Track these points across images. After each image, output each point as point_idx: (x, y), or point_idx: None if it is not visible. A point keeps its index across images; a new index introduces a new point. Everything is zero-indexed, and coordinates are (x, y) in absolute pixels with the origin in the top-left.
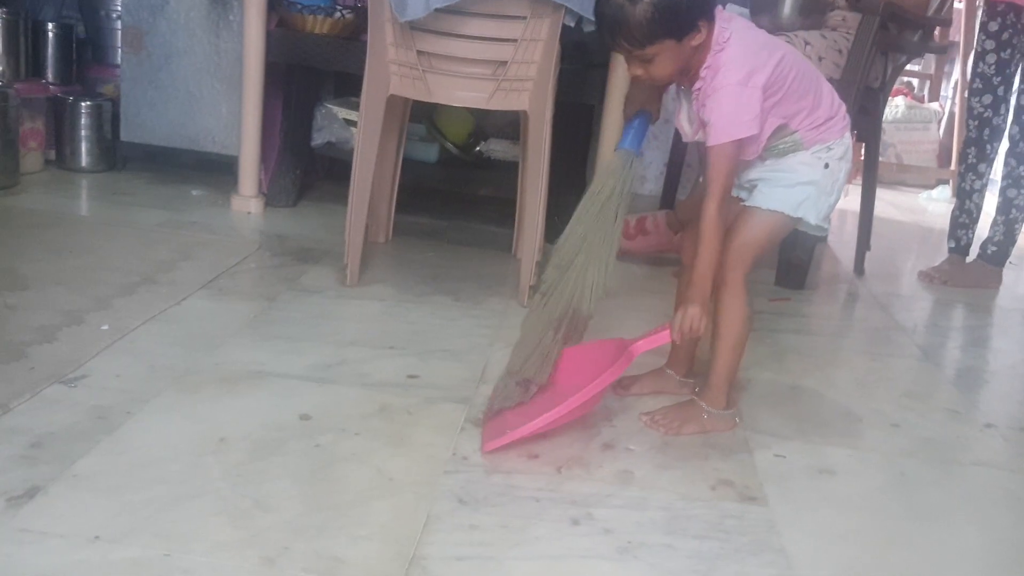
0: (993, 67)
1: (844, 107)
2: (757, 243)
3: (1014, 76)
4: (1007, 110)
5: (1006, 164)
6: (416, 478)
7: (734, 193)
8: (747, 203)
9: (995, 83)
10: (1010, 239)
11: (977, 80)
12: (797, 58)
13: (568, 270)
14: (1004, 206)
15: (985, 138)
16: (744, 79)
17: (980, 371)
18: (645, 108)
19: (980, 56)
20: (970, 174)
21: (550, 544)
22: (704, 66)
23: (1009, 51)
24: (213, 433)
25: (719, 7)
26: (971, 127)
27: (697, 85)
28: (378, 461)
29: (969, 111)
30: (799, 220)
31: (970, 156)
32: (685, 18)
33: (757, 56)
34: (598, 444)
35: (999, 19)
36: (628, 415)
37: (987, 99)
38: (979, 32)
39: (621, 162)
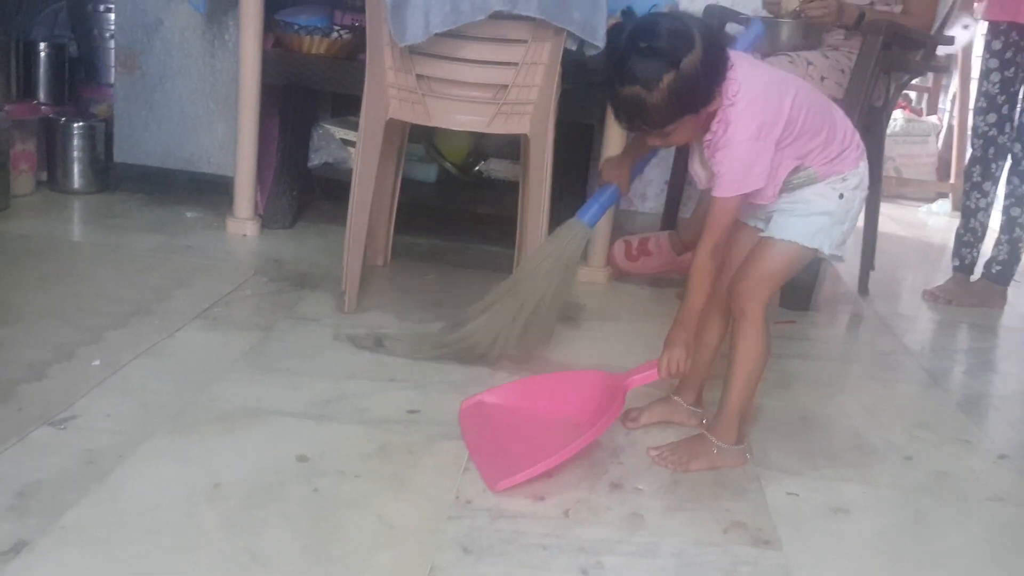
0: (997, 86)
1: (857, 136)
2: (775, 274)
3: (1018, 95)
4: (1011, 128)
5: (1009, 183)
6: (418, 525)
7: (751, 223)
8: (764, 233)
9: (999, 102)
10: (1015, 258)
11: (981, 99)
12: (808, 94)
13: (484, 312)
14: (1008, 225)
15: (989, 157)
16: (755, 134)
17: (989, 397)
18: (616, 182)
19: (984, 75)
20: (974, 192)
21: None
22: (716, 120)
23: (1013, 70)
24: (208, 478)
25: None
26: (975, 146)
27: (708, 136)
28: (379, 507)
29: (973, 130)
30: (816, 251)
31: (974, 175)
32: (703, 93)
33: (766, 107)
34: (606, 484)
35: (1002, 38)
36: (635, 451)
37: (991, 118)
38: (983, 51)
39: (570, 232)
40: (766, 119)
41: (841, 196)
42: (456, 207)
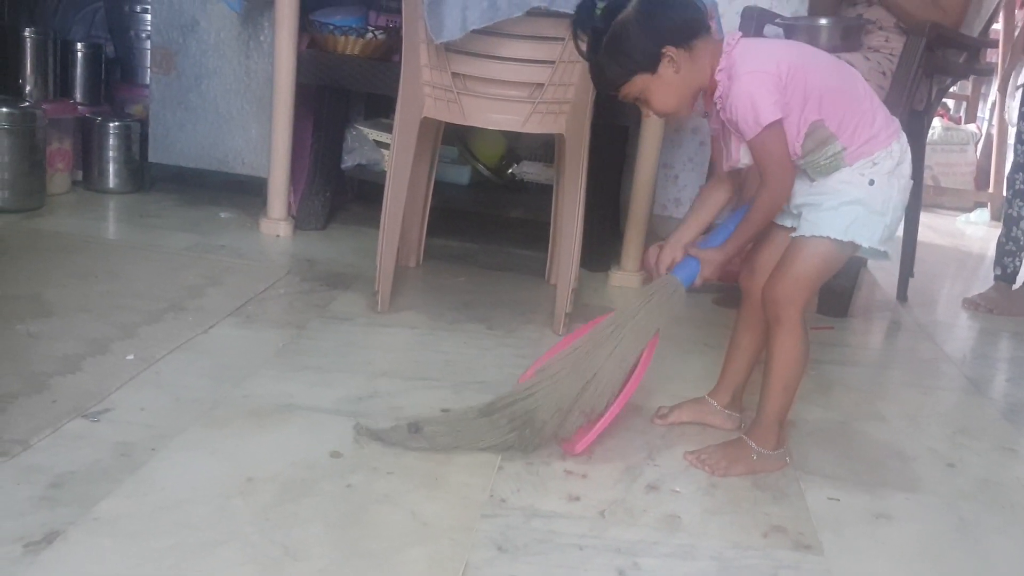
0: None
1: (885, 112)
2: (809, 275)
3: None
4: None
5: None
6: (452, 523)
7: (779, 221)
8: (795, 233)
9: None
10: None
11: None
12: (827, 58)
13: (546, 388)
14: None
15: None
16: (760, 66)
17: None
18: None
19: None
20: (1017, 200)
21: None
22: (718, 70)
23: None
24: (241, 472)
25: (710, 23)
26: (1019, 152)
27: (718, 93)
28: (412, 504)
29: (1017, 136)
30: (854, 245)
31: (1018, 182)
32: (643, 51)
33: (772, 47)
34: (642, 485)
35: None
36: (672, 452)
37: None
38: None
39: (663, 290)
40: (770, 55)
41: (872, 182)
42: (489, 210)
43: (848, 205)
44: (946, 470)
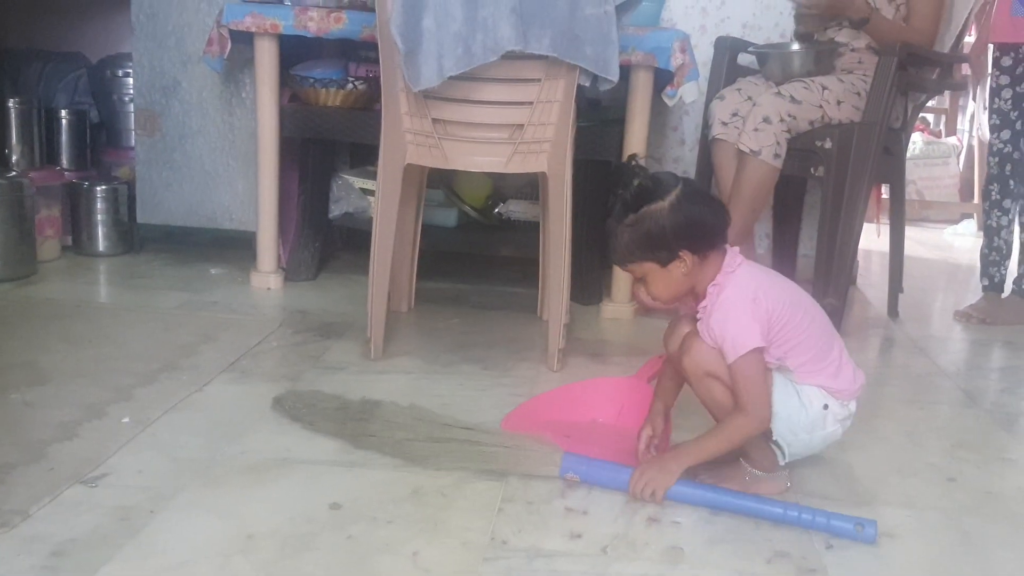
0: (1009, 102)
1: (852, 368)
2: (724, 371)
3: None
4: None
5: None
6: (454, 568)
7: None
8: None
9: (1012, 118)
10: None
11: (994, 116)
12: (809, 308)
13: None
14: None
15: (1007, 173)
16: (752, 295)
17: None
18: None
19: (995, 92)
20: (995, 211)
21: None
22: (712, 283)
23: None
24: (241, 529)
25: (729, 248)
26: (992, 164)
27: (703, 303)
28: (413, 551)
29: (989, 147)
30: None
31: (993, 193)
32: (662, 246)
33: (769, 282)
34: (642, 518)
35: (1012, 54)
36: None
37: (1006, 134)
38: (992, 68)
39: None
40: (763, 290)
41: (825, 407)
42: (478, 250)
43: (796, 404)
44: (947, 484)
